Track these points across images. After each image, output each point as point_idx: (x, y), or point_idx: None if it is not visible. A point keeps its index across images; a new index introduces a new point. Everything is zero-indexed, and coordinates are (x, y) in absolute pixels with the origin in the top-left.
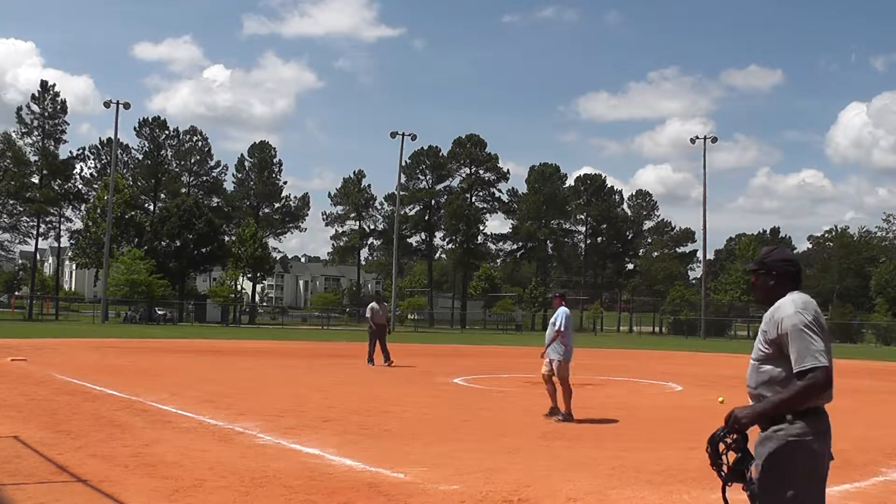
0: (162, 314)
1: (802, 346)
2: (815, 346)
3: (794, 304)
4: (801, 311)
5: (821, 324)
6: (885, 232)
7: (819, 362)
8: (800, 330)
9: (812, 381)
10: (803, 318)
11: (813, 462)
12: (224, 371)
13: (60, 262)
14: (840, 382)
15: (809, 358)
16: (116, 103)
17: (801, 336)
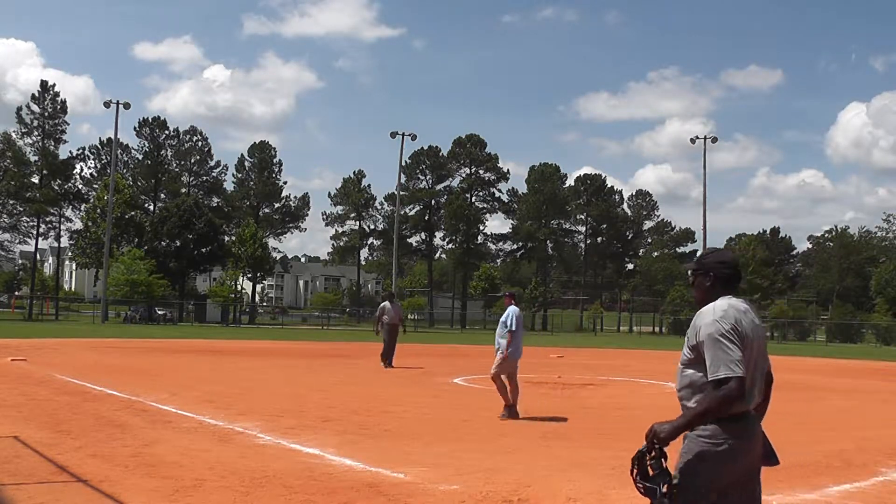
0: (162, 314)
1: (716, 356)
2: (730, 356)
3: (714, 311)
4: (718, 319)
5: (741, 331)
6: (885, 232)
7: (733, 372)
8: (715, 339)
9: (725, 391)
10: (720, 328)
11: (728, 466)
12: (224, 371)
13: (60, 262)
14: (840, 382)
15: (723, 368)
16: (116, 103)
17: (716, 345)
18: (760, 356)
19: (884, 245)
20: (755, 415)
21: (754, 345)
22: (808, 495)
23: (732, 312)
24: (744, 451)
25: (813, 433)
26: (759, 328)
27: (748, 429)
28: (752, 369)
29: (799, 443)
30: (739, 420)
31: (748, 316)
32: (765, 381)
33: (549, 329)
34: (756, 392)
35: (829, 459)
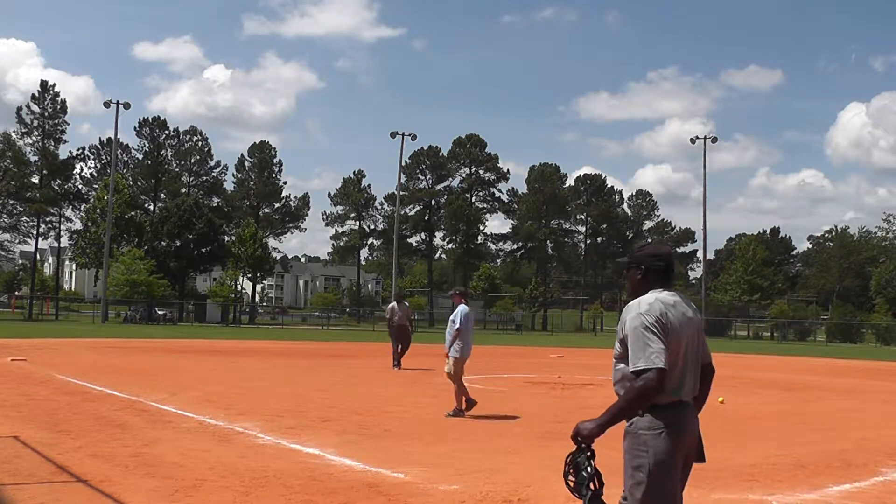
0: (162, 314)
1: (638, 348)
2: (652, 348)
3: (639, 305)
4: (643, 312)
5: (666, 324)
6: (885, 232)
7: (652, 364)
8: (640, 332)
9: (644, 382)
10: (643, 321)
11: (662, 454)
12: (224, 371)
13: (60, 262)
14: (840, 382)
15: (643, 359)
16: (116, 103)
17: (639, 337)
18: (692, 348)
19: (884, 245)
20: (689, 405)
21: (683, 338)
22: (808, 495)
23: (658, 306)
24: (678, 440)
25: (813, 433)
26: (693, 321)
27: (680, 418)
28: (682, 361)
29: (799, 443)
30: (671, 409)
31: (677, 309)
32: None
33: (549, 329)
34: (689, 383)
35: (829, 459)
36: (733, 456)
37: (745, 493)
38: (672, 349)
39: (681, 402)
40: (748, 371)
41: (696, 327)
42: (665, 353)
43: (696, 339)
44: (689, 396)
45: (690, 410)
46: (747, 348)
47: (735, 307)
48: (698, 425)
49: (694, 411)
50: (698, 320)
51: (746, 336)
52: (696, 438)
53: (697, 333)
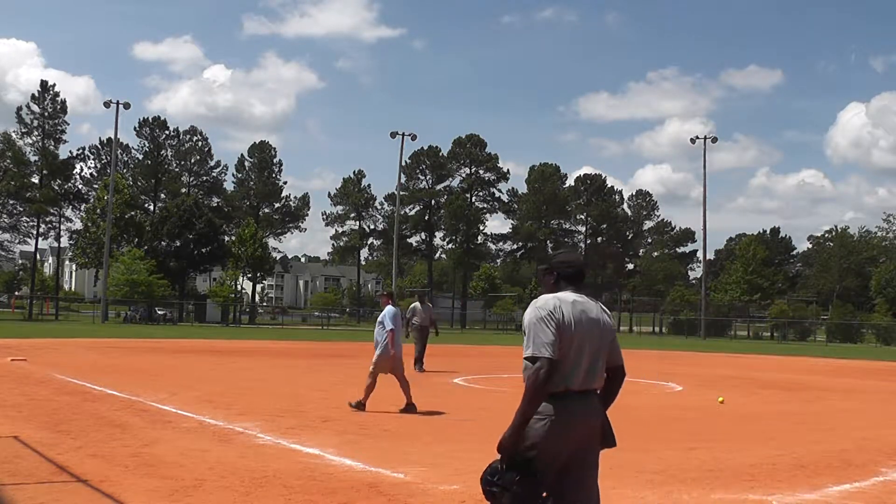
0: (162, 314)
1: (529, 338)
2: (541, 339)
3: (536, 302)
4: (538, 307)
5: (559, 318)
6: (885, 232)
7: (539, 353)
8: (533, 323)
9: (533, 373)
10: (537, 314)
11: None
12: (224, 371)
13: (60, 262)
14: (840, 382)
15: (532, 348)
16: (116, 103)
17: (531, 329)
18: (590, 344)
19: (884, 245)
20: (584, 395)
21: (577, 333)
22: (808, 495)
23: (553, 302)
24: (568, 427)
25: (813, 433)
26: (597, 322)
27: (569, 407)
28: (575, 354)
29: (799, 443)
30: (560, 398)
31: (575, 307)
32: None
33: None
34: (583, 375)
35: (829, 459)
36: (733, 456)
37: (745, 493)
38: (564, 342)
39: (571, 391)
40: (748, 371)
41: (600, 328)
42: (554, 344)
43: (597, 338)
44: (584, 387)
45: (584, 400)
46: (747, 348)
47: (735, 307)
48: (598, 414)
49: (590, 401)
50: (607, 323)
51: (746, 336)
52: (593, 426)
53: (602, 334)
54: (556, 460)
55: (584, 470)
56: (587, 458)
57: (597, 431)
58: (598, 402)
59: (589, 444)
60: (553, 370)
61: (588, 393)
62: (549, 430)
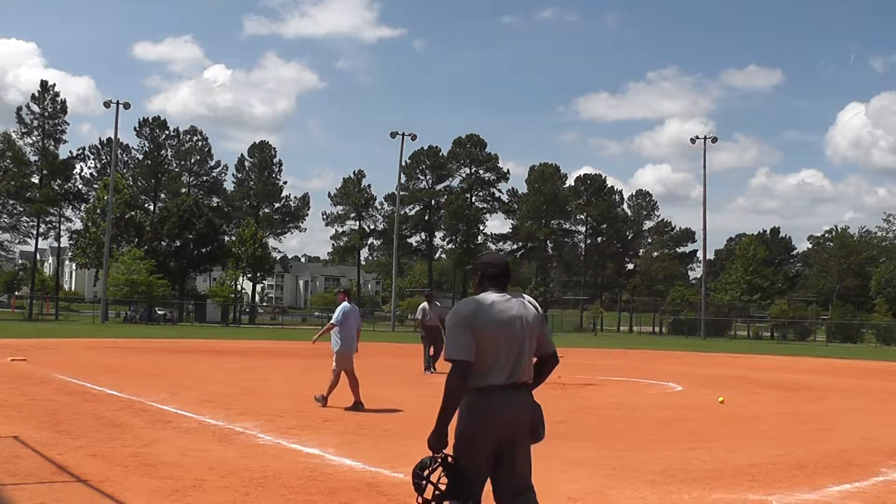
0: (162, 314)
1: (448, 341)
2: (454, 342)
3: (457, 306)
4: (455, 312)
5: (475, 321)
6: (885, 232)
7: (455, 356)
8: (450, 328)
9: (450, 373)
10: (452, 319)
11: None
12: (224, 371)
13: (60, 262)
14: (840, 382)
15: (449, 351)
16: (116, 103)
17: (450, 332)
18: (513, 340)
19: (884, 245)
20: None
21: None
22: (808, 495)
23: (471, 306)
24: (492, 421)
25: (813, 433)
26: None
27: (493, 401)
28: (496, 353)
29: (799, 443)
30: (482, 392)
31: (494, 307)
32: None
33: None
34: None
35: (829, 459)
36: (733, 456)
37: (745, 493)
38: (483, 342)
39: (495, 386)
40: (748, 371)
41: (522, 324)
42: (468, 347)
43: (519, 335)
44: (509, 382)
45: (509, 394)
46: (747, 348)
47: (735, 307)
48: (526, 407)
49: (516, 395)
50: (531, 318)
51: (746, 336)
52: (519, 419)
53: (525, 330)
54: (483, 451)
55: (515, 458)
56: (516, 447)
57: (524, 424)
58: (527, 396)
59: (517, 435)
60: (468, 371)
61: (513, 387)
62: (476, 423)
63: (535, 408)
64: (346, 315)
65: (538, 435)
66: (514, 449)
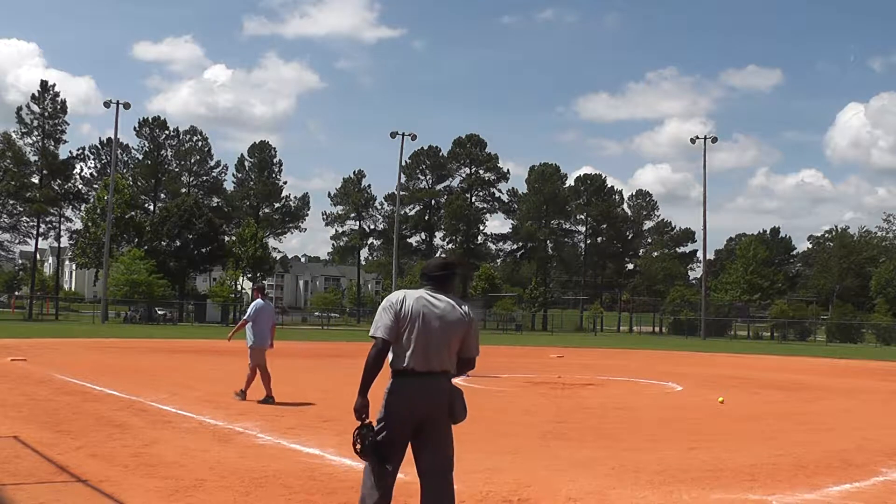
0: (162, 314)
1: (374, 320)
2: (377, 322)
3: (390, 294)
4: (387, 298)
5: (400, 309)
6: (885, 232)
7: (376, 333)
8: (378, 311)
9: (371, 349)
10: (384, 304)
11: (395, 410)
12: (224, 371)
13: (60, 262)
14: (840, 382)
15: (372, 328)
16: (116, 103)
17: (377, 314)
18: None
19: (884, 245)
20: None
21: (420, 323)
22: (808, 495)
23: (401, 295)
24: (408, 400)
25: (813, 433)
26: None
27: (409, 384)
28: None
29: (799, 443)
30: (401, 375)
31: (420, 302)
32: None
33: (549, 329)
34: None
35: (829, 459)
36: (733, 456)
37: (745, 493)
38: (402, 328)
39: (413, 370)
40: (748, 371)
41: (446, 323)
42: (389, 328)
43: (440, 331)
44: (426, 369)
45: (426, 380)
46: (747, 348)
47: (735, 307)
48: (443, 392)
49: (433, 381)
50: (458, 320)
51: (746, 336)
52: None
53: (448, 328)
54: (403, 425)
55: (434, 436)
56: (436, 427)
57: (441, 406)
58: (445, 382)
59: (435, 416)
60: (385, 348)
61: (430, 374)
62: (394, 401)
63: (454, 393)
64: (259, 311)
65: (455, 417)
66: (434, 429)
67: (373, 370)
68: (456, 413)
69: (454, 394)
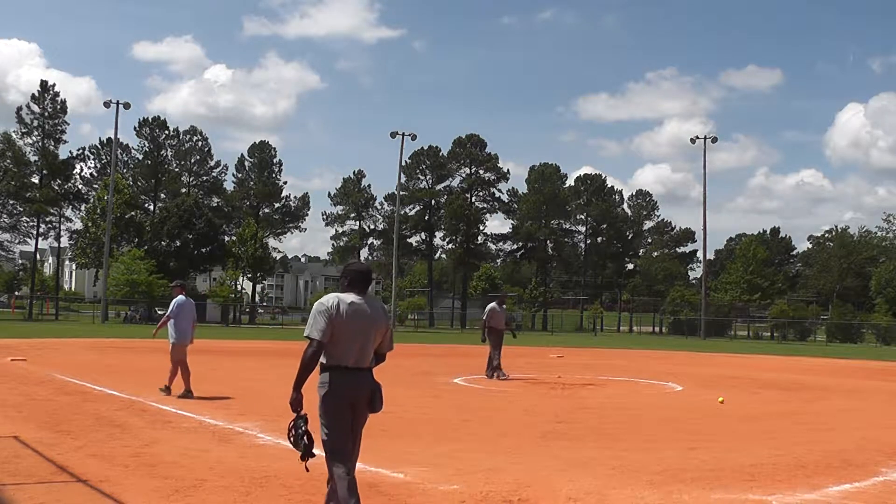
0: (162, 314)
1: (309, 323)
2: (314, 325)
3: (322, 298)
4: (321, 302)
5: (332, 312)
6: (885, 232)
7: (312, 335)
8: (313, 313)
9: (306, 348)
10: (318, 307)
11: (334, 401)
12: (224, 371)
13: (60, 262)
14: (840, 382)
15: (307, 330)
16: (116, 103)
17: (312, 316)
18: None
19: (884, 245)
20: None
21: (349, 324)
22: (808, 495)
23: (333, 300)
24: (341, 392)
25: (813, 433)
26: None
27: (342, 378)
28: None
29: (799, 443)
30: (335, 370)
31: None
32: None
33: (549, 329)
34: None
35: (829, 459)
36: (733, 456)
37: (745, 493)
38: (336, 330)
39: (344, 366)
40: (748, 371)
41: (370, 322)
42: (323, 330)
43: (366, 330)
44: (355, 365)
45: (355, 374)
46: (747, 348)
47: (735, 307)
48: (367, 384)
49: (360, 376)
50: (378, 318)
51: (746, 336)
52: (362, 393)
53: (372, 326)
54: (337, 413)
55: (356, 424)
56: (359, 416)
57: (365, 397)
58: (368, 376)
59: (361, 406)
60: (320, 349)
61: (358, 369)
62: (328, 393)
63: (375, 385)
64: (181, 308)
65: (374, 407)
66: (357, 417)
67: (308, 368)
68: (375, 404)
69: (375, 386)
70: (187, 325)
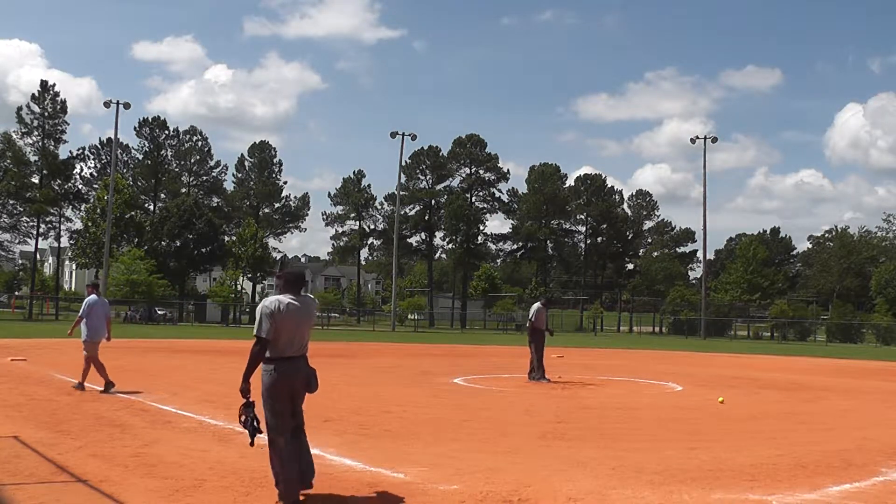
0: (162, 314)
1: (256, 323)
2: (261, 325)
3: (266, 300)
4: (265, 304)
5: (274, 312)
6: (885, 232)
7: (259, 334)
8: (259, 314)
9: (254, 345)
10: (263, 309)
11: (278, 387)
12: (224, 371)
13: (60, 262)
14: (840, 382)
15: (255, 329)
16: (116, 103)
17: (258, 317)
18: (296, 329)
19: (884, 245)
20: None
21: (288, 321)
22: (808, 495)
23: (275, 302)
24: (285, 378)
25: (813, 433)
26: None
27: (285, 366)
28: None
29: (799, 443)
30: (280, 360)
31: (290, 306)
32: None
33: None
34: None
35: (829, 459)
36: (733, 456)
37: (745, 493)
38: (279, 327)
39: (286, 357)
40: (748, 371)
41: (305, 318)
42: (269, 329)
43: (301, 325)
44: (294, 354)
45: (295, 362)
46: (747, 348)
47: (735, 307)
48: (304, 370)
49: (299, 363)
50: (311, 314)
51: (746, 336)
52: (301, 378)
53: (306, 320)
54: (281, 398)
55: (297, 402)
56: (298, 396)
57: (303, 381)
58: (305, 363)
59: (300, 388)
60: (266, 345)
61: (297, 358)
62: (273, 380)
63: (310, 371)
64: (91, 307)
65: (311, 387)
66: (298, 398)
67: (256, 362)
68: (312, 386)
69: (310, 371)
70: (100, 323)
